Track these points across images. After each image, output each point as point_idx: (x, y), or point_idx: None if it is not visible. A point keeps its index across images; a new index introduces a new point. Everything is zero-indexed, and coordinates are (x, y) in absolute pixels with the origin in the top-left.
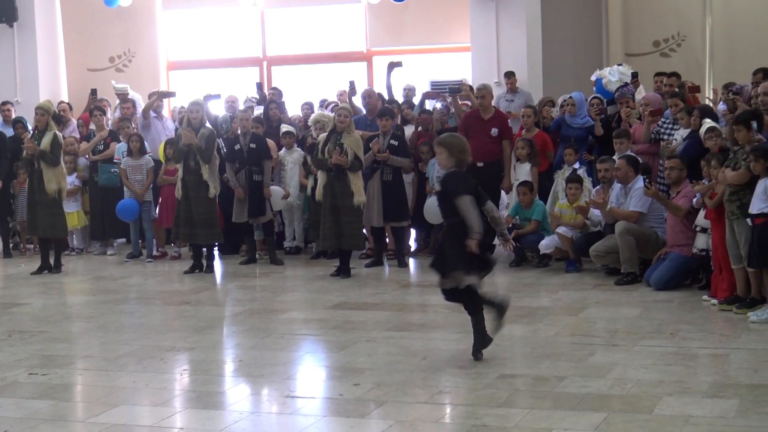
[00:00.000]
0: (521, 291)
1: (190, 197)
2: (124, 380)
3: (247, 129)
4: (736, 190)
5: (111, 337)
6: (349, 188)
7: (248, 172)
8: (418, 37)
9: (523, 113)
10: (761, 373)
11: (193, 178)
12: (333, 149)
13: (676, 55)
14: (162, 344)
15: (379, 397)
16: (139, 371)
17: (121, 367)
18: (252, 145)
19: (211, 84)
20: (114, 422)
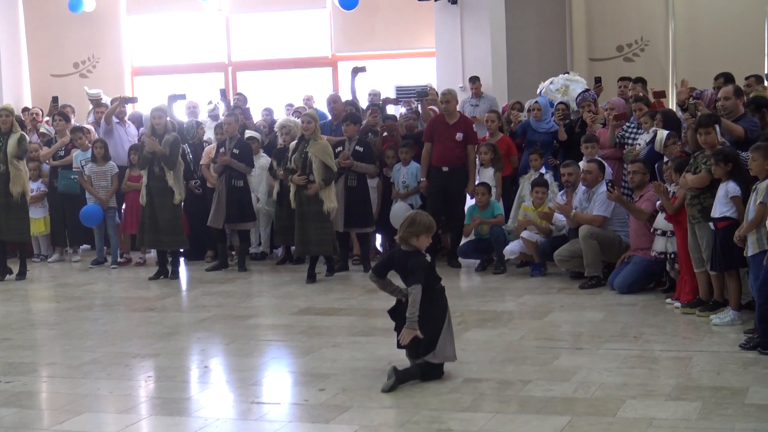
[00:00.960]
0: (486, 295)
1: (155, 203)
2: (89, 387)
3: (233, 133)
4: (698, 194)
5: (75, 344)
6: (316, 195)
7: (228, 177)
8: (383, 43)
9: (487, 118)
10: (723, 375)
11: (157, 184)
12: (299, 158)
13: (640, 59)
14: (127, 351)
15: (344, 402)
16: (104, 378)
17: (85, 374)
18: (235, 150)
19: (176, 89)
20: (78, 429)
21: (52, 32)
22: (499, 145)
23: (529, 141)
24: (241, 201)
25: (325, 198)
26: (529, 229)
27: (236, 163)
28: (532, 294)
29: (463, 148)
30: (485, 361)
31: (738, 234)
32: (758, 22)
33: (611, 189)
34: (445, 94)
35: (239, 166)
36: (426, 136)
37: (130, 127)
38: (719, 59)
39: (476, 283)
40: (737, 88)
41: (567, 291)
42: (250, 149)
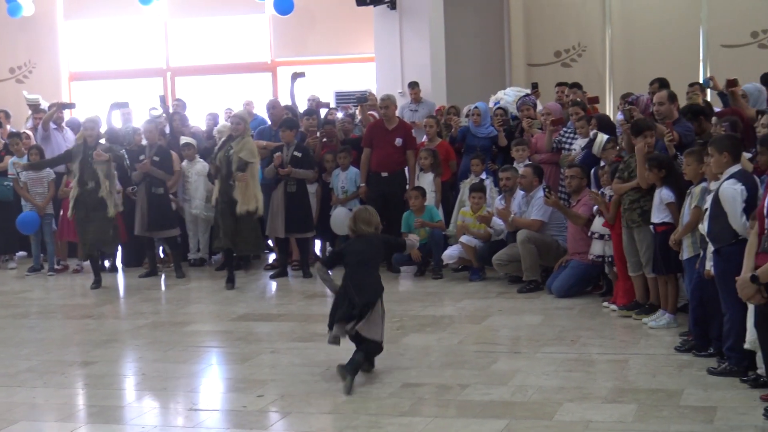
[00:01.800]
0: (425, 300)
1: (91, 217)
2: (24, 396)
3: (154, 141)
4: (637, 197)
5: (11, 353)
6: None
7: (148, 185)
8: (322, 48)
9: (426, 123)
10: (659, 377)
11: (91, 198)
12: (223, 157)
13: (577, 65)
14: (63, 359)
15: (282, 408)
16: (40, 386)
17: (21, 382)
18: (156, 158)
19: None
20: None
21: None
22: (438, 150)
23: (469, 146)
24: (161, 208)
25: (240, 200)
26: (468, 233)
27: (156, 170)
28: (471, 298)
29: (402, 153)
30: (424, 366)
31: (673, 238)
32: (693, 28)
33: (548, 194)
34: (384, 99)
35: (158, 173)
36: (365, 142)
37: (68, 133)
38: (655, 65)
39: (415, 288)
40: (671, 93)
41: (505, 295)
42: (171, 157)
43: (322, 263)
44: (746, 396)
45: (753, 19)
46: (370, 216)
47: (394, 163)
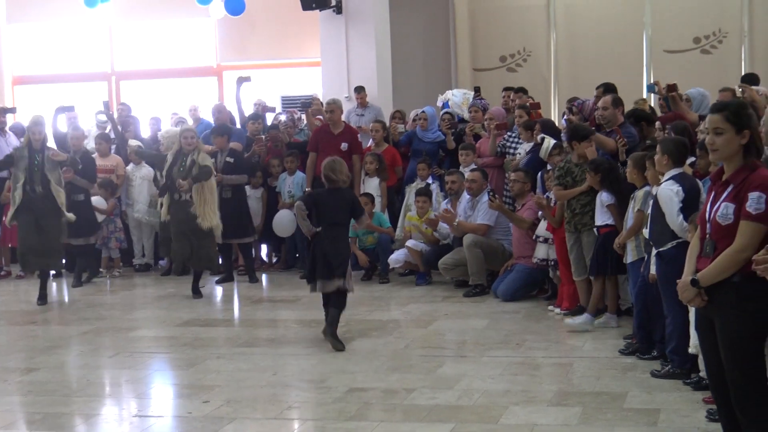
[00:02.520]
0: (371, 304)
1: (43, 225)
2: None
3: (79, 147)
4: (587, 201)
5: None
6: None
7: (68, 192)
8: (268, 52)
9: (372, 128)
10: (603, 380)
11: (44, 204)
12: (179, 172)
13: (523, 70)
14: (6, 365)
15: (228, 414)
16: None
17: None
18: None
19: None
20: None
21: None
22: (384, 155)
23: (415, 150)
24: (80, 215)
25: (201, 215)
26: (415, 237)
27: (79, 179)
28: (417, 303)
29: (348, 158)
30: (370, 370)
31: (618, 241)
32: (637, 33)
33: (492, 198)
34: (330, 104)
35: (81, 181)
36: (311, 146)
37: (11, 137)
38: (599, 70)
39: (362, 293)
40: (615, 98)
41: (451, 299)
42: (94, 164)
43: (302, 201)
44: (689, 398)
45: (696, 25)
46: (340, 166)
47: None
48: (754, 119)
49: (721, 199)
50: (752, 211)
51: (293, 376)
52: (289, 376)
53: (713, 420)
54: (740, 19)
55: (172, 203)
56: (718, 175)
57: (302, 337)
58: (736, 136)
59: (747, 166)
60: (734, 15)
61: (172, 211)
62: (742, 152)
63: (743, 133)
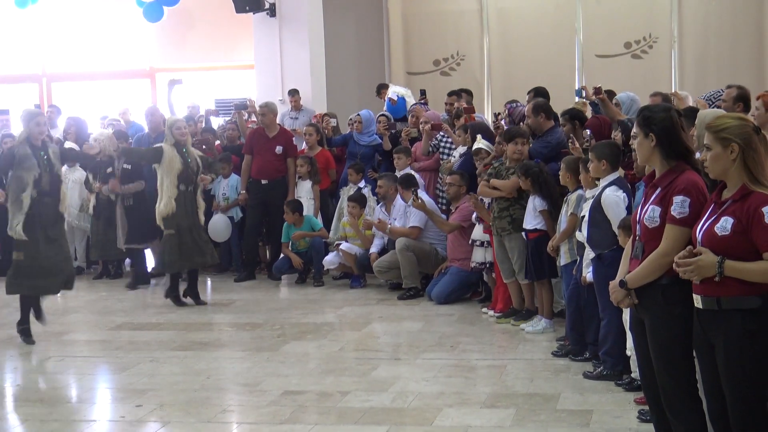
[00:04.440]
0: (306, 307)
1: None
2: None
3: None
4: (506, 206)
5: None
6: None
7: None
8: (202, 55)
9: (306, 131)
10: (536, 382)
11: (49, 212)
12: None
13: (456, 73)
14: None
15: (162, 418)
16: None
17: None
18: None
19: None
20: None
21: None
22: (317, 158)
23: (351, 153)
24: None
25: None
26: (350, 241)
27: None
28: (352, 305)
29: (282, 161)
30: (304, 373)
31: (551, 244)
32: (568, 38)
33: (416, 197)
34: (263, 107)
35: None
36: (246, 149)
37: None
38: (532, 73)
39: (296, 296)
40: (535, 105)
41: (386, 302)
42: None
43: None
44: (621, 399)
45: (627, 30)
46: None
47: (275, 171)
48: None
49: (649, 201)
50: (676, 215)
51: (227, 380)
52: (223, 380)
53: (645, 420)
54: (670, 24)
55: (180, 195)
56: (651, 177)
57: (236, 340)
58: (645, 140)
59: (674, 169)
60: (664, 20)
61: (180, 203)
62: (660, 155)
63: (650, 137)
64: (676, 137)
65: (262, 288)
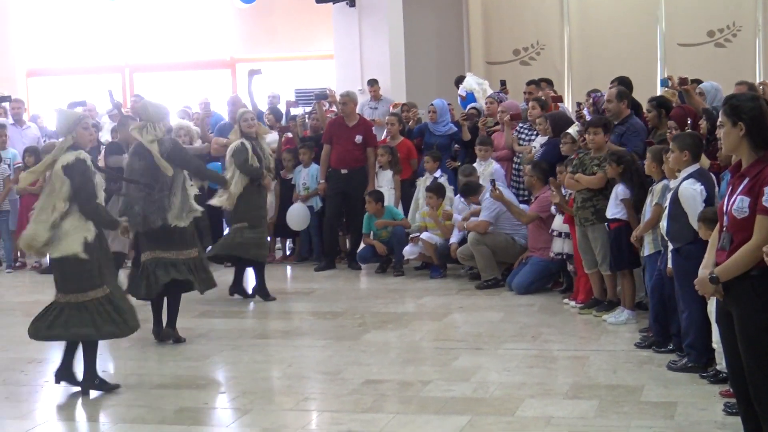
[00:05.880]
0: (386, 297)
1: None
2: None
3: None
4: (590, 196)
5: None
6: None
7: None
8: (282, 45)
9: (388, 121)
10: (619, 373)
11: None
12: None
13: (536, 63)
14: (23, 356)
15: (244, 405)
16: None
17: None
18: None
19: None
20: None
21: None
22: (399, 148)
23: (427, 144)
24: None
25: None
26: (430, 231)
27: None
28: (432, 295)
29: (362, 150)
30: (385, 363)
31: (635, 234)
32: (650, 26)
33: (494, 188)
34: (344, 96)
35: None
36: (325, 138)
37: (29, 129)
38: (613, 63)
39: (376, 286)
40: (620, 91)
41: (466, 292)
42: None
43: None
44: (706, 392)
45: (710, 19)
46: None
47: (354, 160)
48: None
49: (737, 192)
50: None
51: (309, 368)
52: (305, 368)
53: (731, 413)
54: (754, 12)
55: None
56: (737, 167)
57: (317, 328)
58: (733, 129)
59: (763, 159)
60: (749, 9)
61: (246, 197)
62: (749, 144)
63: (738, 126)
64: (765, 126)
65: (342, 277)
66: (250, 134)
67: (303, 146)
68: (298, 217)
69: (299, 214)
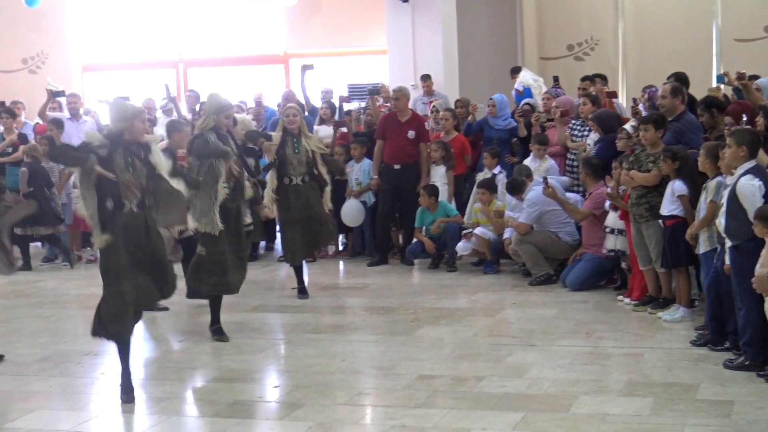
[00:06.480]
0: (439, 292)
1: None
2: (41, 385)
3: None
4: (644, 192)
5: (26, 342)
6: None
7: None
8: (335, 40)
9: (442, 116)
10: (675, 371)
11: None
12: (293, 154)
13: (590, 58)
14: (79, 348)
15: (298, 400)
16: (56, 375)
17: (36, 371)
18: None
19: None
20: (30, 427)
21: (1, 27)
22: (453, 143)
23: (486, 138)
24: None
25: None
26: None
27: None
28: (485, 291)
29: (415, 145)
30: (438, 358)
31: (690, 232)
32: (706, 22)
33: (546, 186)
34: (396, 91)
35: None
36: (378, 134)
37: (85, 123)
38: (668, 58)
39: (429, 281)
40: (674, 87)
41: (519, 288)
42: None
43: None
44: (763, 390)
45: (766, 14)
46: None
47: (407, 156)
48: None
49: None
50: None
51: (362, 363)
52: (358, 363)
53: None
54: None
55: (282, 188)
56: None
57: (370, 323)
58: None
59: None
60: None
61: (282, 195)
62: None
63: None
64: None
65: (395, 273)
66: (292, 130)
67: (355, 141)
68: (352, 213)
69: (354, 210)
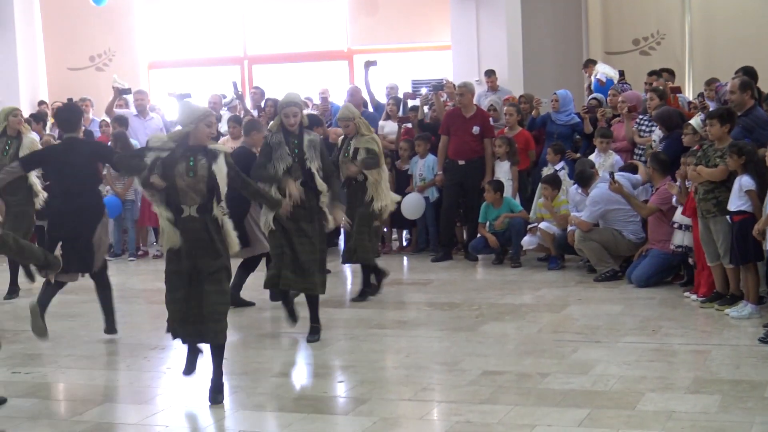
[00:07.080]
0: (504, 288)
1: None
2: (108, 378)
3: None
4: (712, 188)
5: (93, 336)
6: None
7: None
8: (399, 36)
9: (506, 112)
10: (743, 368)
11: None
12: (344, 158)
13: (656, 53)
14: (146, 342)
15: (362, 395)
16: (123, 369)
17: (104, 365)
18: None
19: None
20: (98, 420)
21: (69, 25)
22: (517, 139)
23: (549, 133)
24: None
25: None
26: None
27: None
28: (550, 287)
29: (479, 141)
30: (503, 354)
31: (758, 227)
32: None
33: (612, 181)
34: (461, 87)
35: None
36: (442, 129)
37: (152, 120)
38: (735, 53)
39: (493, 277)
40: (743, 82)
41: (584, 284)
42: None
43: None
44: None
45: None
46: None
47: (471, 151)
48: None
49: None
50: None
51: (426, 358)
52: (422, 358)
53: None
54: None
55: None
56: None
57: (434, 319)
58: None
59: None
60: None
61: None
62: None
63: None
64: None
65: (459, 268)
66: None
67: (419, 137)
68: (411, 205)
69: (413, 203)
